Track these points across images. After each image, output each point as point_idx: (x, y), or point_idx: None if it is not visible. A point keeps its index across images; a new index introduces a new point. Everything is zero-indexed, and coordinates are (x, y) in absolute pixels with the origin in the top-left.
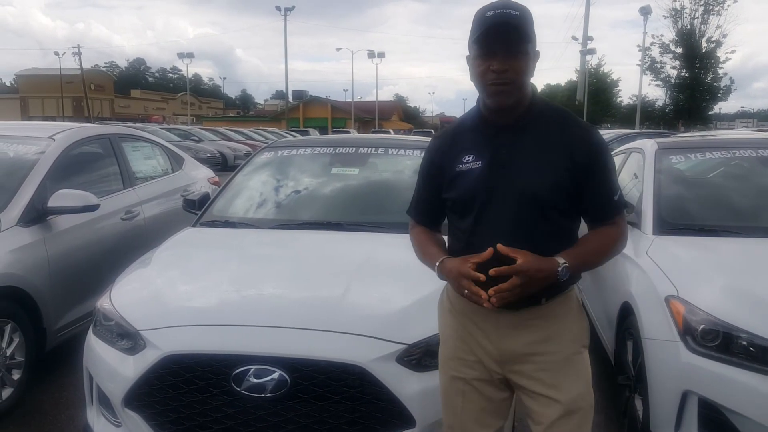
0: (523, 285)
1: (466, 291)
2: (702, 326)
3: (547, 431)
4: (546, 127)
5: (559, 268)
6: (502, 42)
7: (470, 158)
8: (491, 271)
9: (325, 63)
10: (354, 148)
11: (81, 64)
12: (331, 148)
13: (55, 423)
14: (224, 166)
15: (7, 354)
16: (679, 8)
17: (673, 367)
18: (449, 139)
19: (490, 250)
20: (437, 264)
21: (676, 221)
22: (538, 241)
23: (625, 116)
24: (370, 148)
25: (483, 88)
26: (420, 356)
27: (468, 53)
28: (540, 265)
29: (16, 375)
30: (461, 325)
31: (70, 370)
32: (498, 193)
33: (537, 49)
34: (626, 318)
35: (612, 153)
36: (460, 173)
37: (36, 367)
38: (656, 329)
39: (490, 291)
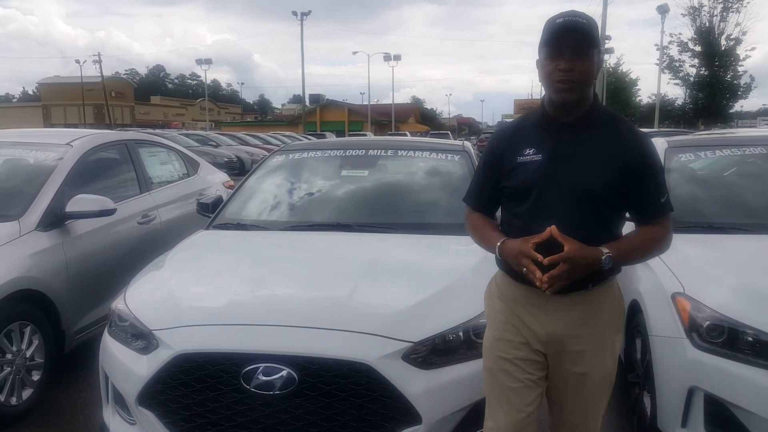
0: (570, 270)
1: (525, 269)
2: (707, 323)
3: (575, 407)
4: (603, 129)
5: (603, 257)
6: (569, 44)
7: (531, 151)
8: (544, 261)
9: (342, 67)
10: (364, 151)
11: (102, 72)
12: (342, 151)
13: (74, 423)
14: (242, 170)
15: (27, 356)
16: (697, 6)
17: (679, 364)
18: (511, 133)
19: (548, 230)
20: (498, 244)
21: (684, 219)
22: (587, 232)
23: (645, 115)
24: (379, 150)
25: (550, 86)
26: (426, 354)
27: (537, 57)
28: (585, 253)
29: (35, 376)
30: (510, 310)
31: (88, 372)
32: (554, 184)
33: (602, 57)
34: (635, 316)
35: None
36: (520, 164)
37: (55, 368)
38: (663, 326)
39: (545, 276)
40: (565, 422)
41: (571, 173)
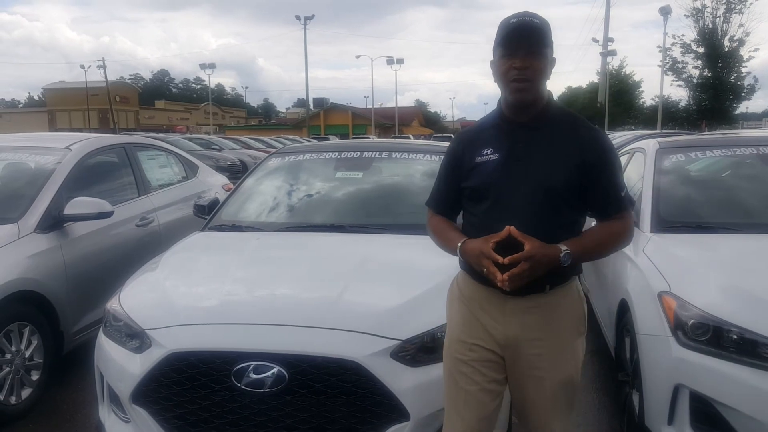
0: (531, 269)
1: (485, 269)
2: (692, 321)
3: (537, 411)
4: (559, 127)
5: (562, 254)
6: (524, 43)
7: (489, 151)
8: (504, 260)
9: (346, 70)
10: (359, 153)
11: (106, 77)
12: (337, 153)
13: (72, 422)
14: (244, 173)
15: (26, 356)
16: (700, 7)
17: (664, 362)
18: (471, 136)
19: (506, 229)
20: (459, 244)
21: (673, 219)
22: (546, 229)
23: (648, 117)
24: (374, 153)
25: (505, 86)
26: (414, 352)
27: (492, 58)
28: (546, 251)
29: (34, 376)
30: (469, 310)
31: (86, 372)
32: (512, 183)
33: (554, 56)
34: (624, 315)
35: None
36: (478, 164)
37: (54, 368)
38: (649, 325)
39: (505, 275)
40: (529, 427)
41: (529, 172)
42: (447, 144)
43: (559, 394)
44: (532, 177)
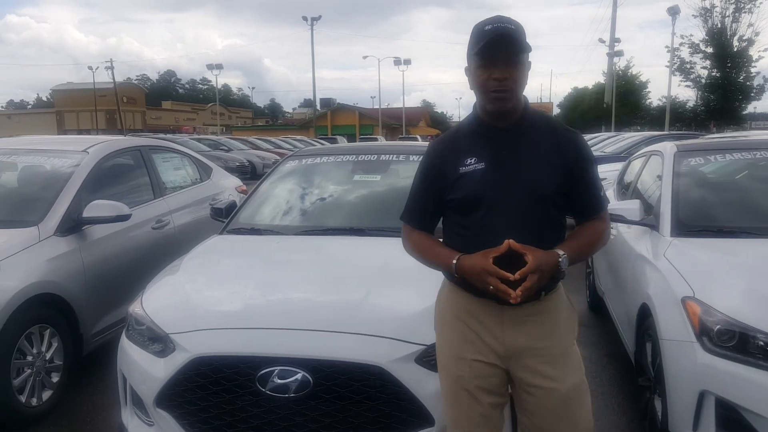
0: (539, 279)
1: (491, 287)
2: (718, 326)
3: (549, 421)
4: (539, 130)
5: (560, 259)
6: (501, 52)
7: (472, 160)
8: (515, 276)
9: (353, 71)
10: (376, 156)
11: (114, 78)
12: (354, 156)
13: (91, 424)
14: (253, 174)
15: (47, 358)
16: (709, 7)
17: (689, 368)
18: (448, 144)
19: (506, 243)
20: (454, 261)
21: (693, 223)
22: (541, 235)
23: (655, 118)
24: (391, 155)
25: (484, 96)
26: None
27: (467, 65)
28: (547, 258)
29: (55, 378)
30: (465, 325)
31: (105, 374)
32: (503, 190)
33: (530, 60)
34: (645, 320)
35: (633, 156)
36: (463, 174)
37: (73, 370)
38: (673, 330)
39: (518, 291)
40: None
41: (519, 177)
42: None
43: (571, 402)
44: (522, 183)
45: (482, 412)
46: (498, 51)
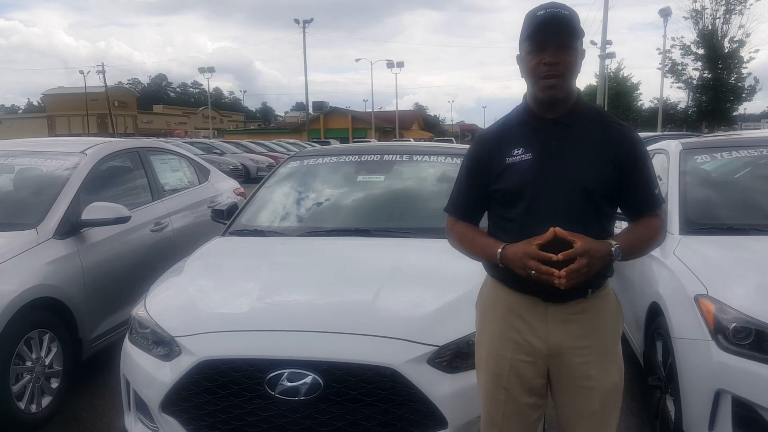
0: (588, 264)
1: (533, 272)
2: (733, 324)
3: (585, 422)
4: (589, 123)
5: (613, 248)
6: (553, 37)
7: (520, 151)
8: (560, 255)
9: (345, 74)
10: (379, 156)
11: (105, 82)
12: (357, 156)
13: (92, 430)
14: (247, 178)
15: (46, 363)
16: (700, 9)
17: (704, 367)
18: (495, 136)
19: (551, 231)
20: (499, 250)
21: (702, 221)
22: (585, 229)
23: (647, 119)
24: (395, 156)
25: (535, 82)
26: (451, 358)
27: (518, 53)
28: (598, 246)
29: (54, 383)
30: (506, 322)
31: (105, 379)
32: (549, 183)
33: (584, 48)
34: (655, 318)
35: None
36: (510, 165)
37: (73, 375)
38: (686, 329)
39: (562, 271)
40: None
41: (565, 170)
42: (466, 147)
43: (609, 402)
44: (569, 176)
45: (518, 411)
46: (550, 35)
